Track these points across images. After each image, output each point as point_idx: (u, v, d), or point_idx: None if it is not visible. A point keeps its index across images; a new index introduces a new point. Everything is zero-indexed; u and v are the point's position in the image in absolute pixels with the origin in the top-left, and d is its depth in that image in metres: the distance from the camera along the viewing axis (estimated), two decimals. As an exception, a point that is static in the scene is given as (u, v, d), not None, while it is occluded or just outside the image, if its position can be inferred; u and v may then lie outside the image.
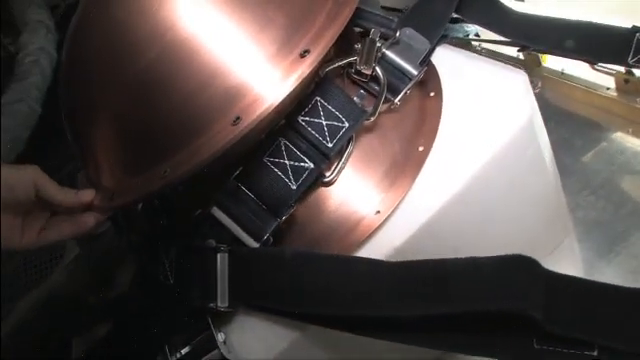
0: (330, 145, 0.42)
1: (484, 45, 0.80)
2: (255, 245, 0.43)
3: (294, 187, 0.43)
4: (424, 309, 0.37)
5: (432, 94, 0.50)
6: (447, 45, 0.58)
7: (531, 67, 0.74)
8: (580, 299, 0.36)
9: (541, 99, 0.72)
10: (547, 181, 0.51)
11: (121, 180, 0.43)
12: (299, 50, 0.39)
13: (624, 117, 0.63)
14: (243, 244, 0.43)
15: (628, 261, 0.53)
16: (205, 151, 0.38)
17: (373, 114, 0.44)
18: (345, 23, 0.41)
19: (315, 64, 0.39)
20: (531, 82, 0.50)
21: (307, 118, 0.42)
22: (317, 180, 0.44)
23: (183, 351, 0.43)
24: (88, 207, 0.45)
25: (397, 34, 0.49)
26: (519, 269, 0.36)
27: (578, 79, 0.69)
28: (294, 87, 0.38)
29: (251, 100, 0.38)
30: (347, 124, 0.43)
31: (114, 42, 0.43)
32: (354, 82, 0.47)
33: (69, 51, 0.48)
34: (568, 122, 0.68)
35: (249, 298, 0.43)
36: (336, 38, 0.40)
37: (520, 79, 0.48)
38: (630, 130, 0.62)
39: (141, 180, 0.42)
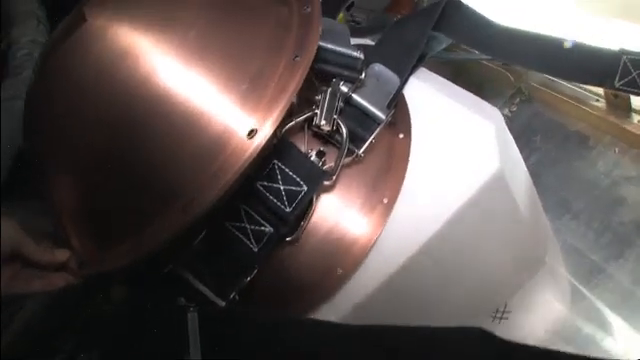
0: (288, 210, 0.42)
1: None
2: (222, 303, 0.44)
3: (256, 250, 0.43)
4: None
5: (401, 136, 0.49)
6: (423, 70, 0.56)
7: (518, 74, 0.71)
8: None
9: (529, 109, 0.70)
10: (521, 226, 0.50)
11: (89, 250, 0.44)
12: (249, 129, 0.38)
13: (612, 134, 0.61)
14: (211, 302, 0.44)
15: (605, 295, 0.53)
16: (178, 221, 0.38)
17: (334, 174, 0.44)
18: (301, 82, 0.40)
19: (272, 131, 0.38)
20: (519, 91, 0.49)
21: (265, 183, 0.42)
22: (280, 240, 0.44)
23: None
24: (61, 266, 0.46)
25: (362, 75, 0.47)
26: (475, 344, 0.37)
27: (566, 88, 0.66)
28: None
29: (228, 154, 0.39)
30: (305, 188, 0.42)
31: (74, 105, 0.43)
32: (316, 134, 0.46)
33: (30, 104, 0.48)
34: (556, 136, 0.66)
35: (219, 354, 0.45)
36: (288, 106, 0.39)
37: (492, 128, 0.46)
38: (616, 150, 0.60)
39: (110, 254, 0.42)
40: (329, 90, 0.44)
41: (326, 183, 0.44)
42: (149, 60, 0.41)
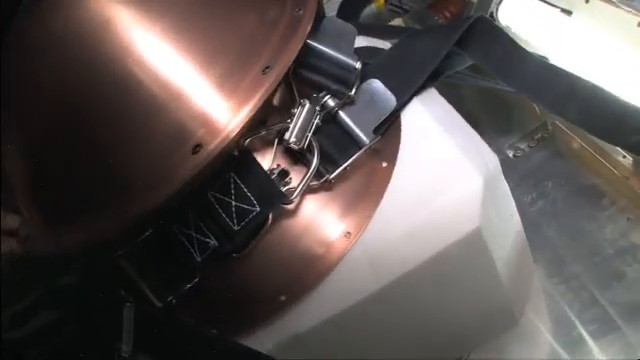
0: (236, 228, 0.39)
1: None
2: (159, 304, 0.42)
3: (199, 259, 0.40)
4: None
5: (384, 164, 0.44)
6: (431, 92, 0.50)
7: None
8: None
9: (548, 148, 0.64)
10: (495, 285, 0.45)
11: (38, 225, 0.42)
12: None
13: (630, 199, 0.55)
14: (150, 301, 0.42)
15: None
16: (156, 197, 0.36)
17: (293, 198, 0.40)
18: (267, 93, 0.36)
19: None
20: (542, 126, 0.43)
21: (217, 195, 0.39)
22: (226, 255, 0.41)
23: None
24: (11, 233, 0.45)
25: (352, 93, 0.43)
26: None
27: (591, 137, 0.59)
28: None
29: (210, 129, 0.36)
30: (258, 208, 0.39)
31: (41, 62, 0.40)
32: (288, 150, 0.42)
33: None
34: (569, 186, 0.60)
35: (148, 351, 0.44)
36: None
37: (479, 181, 0.41)
38: (630, 217, 0.54)
39: (57, 235, 0.40)
40: (307, 105, 0.40)
41: (287, 206, 0.40)
42: (120, 38, 0.37)
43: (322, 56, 0.44)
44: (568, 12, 0.85)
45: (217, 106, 0.36)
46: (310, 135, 0.40)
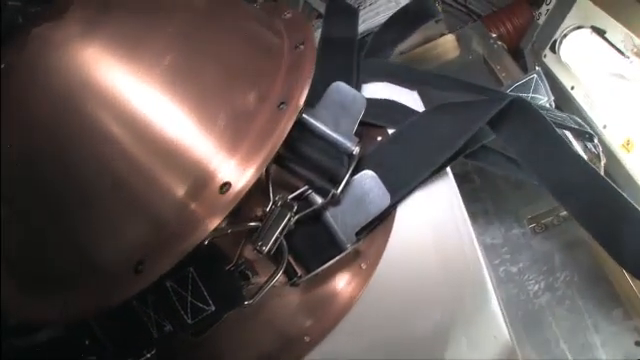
0: (189, 322, 0.37)
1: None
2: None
3: (156, 336, 0.40)
4: None
5: (363, 266, 0.41)
6: (443, 179, 0.46)
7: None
8: None
9: (570, 234, 0.58)
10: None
11: (11, 293, 0.41)
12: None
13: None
14: None
15: None
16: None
17: (252, 301, 0.38)
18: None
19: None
20: None
21: (174, 284, 0.37)
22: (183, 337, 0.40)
23: None
24: None
25: (339, 191, 0.39)
26: None
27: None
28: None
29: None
30: (213, 308, 0.37)
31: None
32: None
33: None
34: (580, 283, 0.55)
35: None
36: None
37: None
38: (637, 341, 0.48)
39: (35, 304, 0.39)
40: (278, 209, 0.37)
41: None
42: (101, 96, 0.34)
43: (315, 133, 0.40)
44: (642, 63, 0.74)
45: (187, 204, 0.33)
46: (281, 238, 0.37)
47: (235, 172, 0.32)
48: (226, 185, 0.32)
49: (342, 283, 0.41)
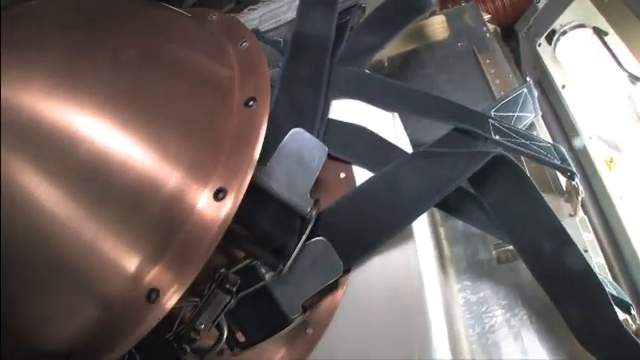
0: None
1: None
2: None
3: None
4: None
5: (310, 331, 0.40)
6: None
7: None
8: None
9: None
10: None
11: None
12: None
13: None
14: None
15: None
16: None
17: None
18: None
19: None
20: None
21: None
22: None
23: None
24: None
25: (285, 267, 0.36)
26: None
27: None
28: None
29: None
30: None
31: None
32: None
33: None
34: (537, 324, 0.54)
35: None
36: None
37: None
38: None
39: None
40: (218, 291, 0.34)
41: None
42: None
43: (266, 194, 0.37)
44: (636, 79, 0.69)
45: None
46: (222, 316, 0.35)
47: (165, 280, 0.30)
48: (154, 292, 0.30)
49: (285, 349, 0.40)
